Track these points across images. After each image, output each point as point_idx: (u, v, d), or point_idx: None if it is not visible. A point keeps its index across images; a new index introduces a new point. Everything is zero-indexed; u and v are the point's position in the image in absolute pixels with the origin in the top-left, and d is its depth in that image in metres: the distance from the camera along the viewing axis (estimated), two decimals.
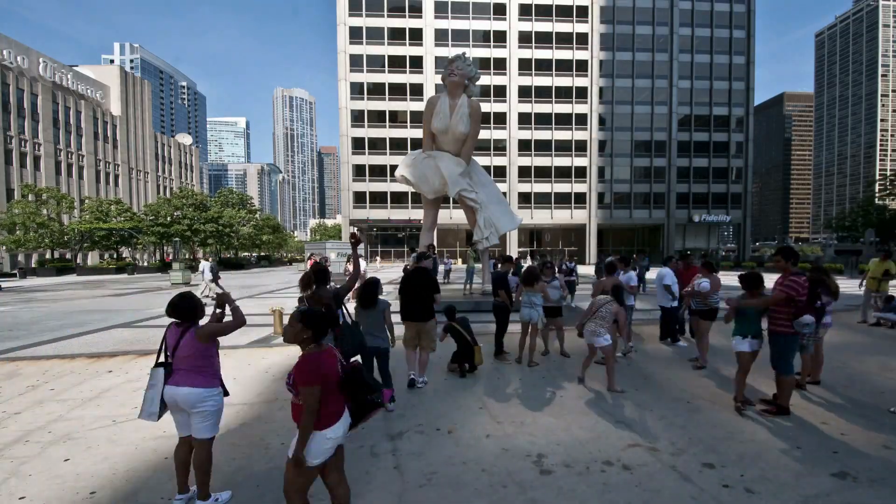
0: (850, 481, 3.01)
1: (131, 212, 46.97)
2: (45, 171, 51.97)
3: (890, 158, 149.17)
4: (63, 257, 42.45)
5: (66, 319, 11.01)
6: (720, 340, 7.53)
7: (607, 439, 3.70)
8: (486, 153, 49.02)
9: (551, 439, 3.69)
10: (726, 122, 53.77)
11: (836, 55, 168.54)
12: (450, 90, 11.01)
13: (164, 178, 76.58)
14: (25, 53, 52.44)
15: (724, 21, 53.10)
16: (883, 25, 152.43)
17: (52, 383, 5.41)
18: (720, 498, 2.83)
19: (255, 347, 7.26)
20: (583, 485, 2.99)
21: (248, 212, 59.80)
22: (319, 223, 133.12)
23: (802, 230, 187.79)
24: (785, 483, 2.99)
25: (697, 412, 4.28)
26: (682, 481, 3.03)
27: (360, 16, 49.60)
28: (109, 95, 66.18)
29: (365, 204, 50.80)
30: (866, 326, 8.76)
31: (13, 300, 16.02)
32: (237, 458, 3.40)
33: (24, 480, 3.08)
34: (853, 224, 55.43)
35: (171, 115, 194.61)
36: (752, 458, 3.35)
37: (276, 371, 5.83)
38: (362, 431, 3.88)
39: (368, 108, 50.14)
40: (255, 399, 4.76)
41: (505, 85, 51.02)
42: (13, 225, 36.73)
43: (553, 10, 51.38)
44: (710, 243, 56.49)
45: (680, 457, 3.37)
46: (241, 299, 15.16)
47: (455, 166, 11.23)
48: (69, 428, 4.01)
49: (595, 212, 52.82)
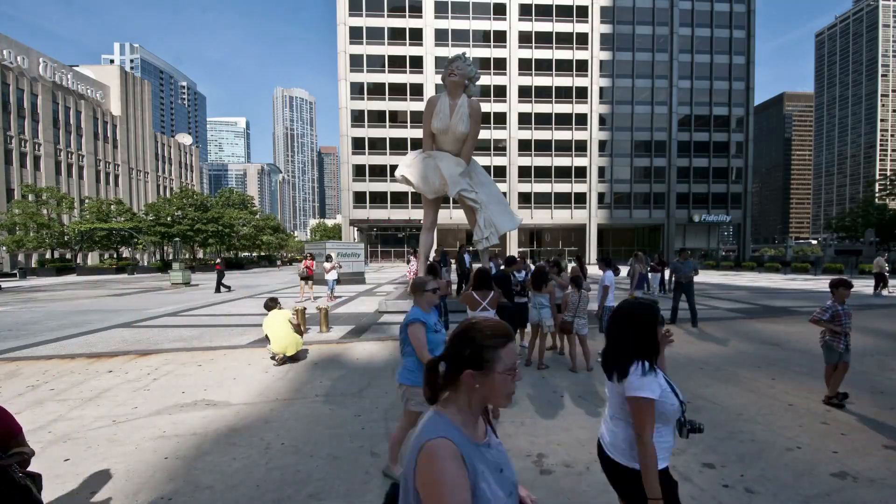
0: (850, 481, 3.01)
1: (131, 212, 46.98)
2: (45, 171, 51.99)
3: (890, 158, 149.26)
4: (63, 257, 42.40)
5: (65, 319, 11.01)
6: (721, 340, 7.53)
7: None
8: (486, 153, 49.04)
9: (551, 439, 3.69)
10: (726, 122, 53.78)
11: (836, 55, 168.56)
12: (450, 90, 10.99)
13: (164, 178, 76.59)
14: (25, 53, 52.45)
15: (724, 21, 53.11)
16: (883, 25, 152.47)
17: (52, 383, 5.41)
18: (720, 498, 2.83)
19: (255, 347, 7.25)
20: (583, 485, 2.99)
21: (249, 212, 59.80)
22: (319, 223, 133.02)
23: (802, 230, 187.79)
24: (785, 483, 2.99)
25: (697, 412, 4.27)
26: (682, 481, 3.02)
27: (361, 16, 49.61)
28: (109, 95, 66.20)
29: (365, 204, 50.80)
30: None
31: (13, 300, 16.01)
32: (237, 458, 3.39)
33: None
34: (853, 224, 55.42)
35: (171, 115, 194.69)
36: (752, 458, 3.35)
37: (276, 371, 5.83)
38: (362, 431, 3.88)
39: (368, 108, 50.14)
40: (255, 399, 4.76)
41: (505, 85, 51.03)
42: (13, 225, 36.74)
43: (553, 10, 51.39)
44: (710, 243, 56.49)
45: (680, 457, 3.37)
46: (241, 299, 15.17)
47: (455, 166, 11.21)
48: (69, 428, 4.01)
49: (595, 212, 52.82)
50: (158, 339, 8.41)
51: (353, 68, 49.72)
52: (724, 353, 6.71)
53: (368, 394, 4.89)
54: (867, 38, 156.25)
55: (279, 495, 2.88)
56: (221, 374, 5.68)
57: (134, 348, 7.51)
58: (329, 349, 7.10)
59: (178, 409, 4.47)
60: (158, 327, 9.69)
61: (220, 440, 3.72)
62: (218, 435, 3.82)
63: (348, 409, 4.44)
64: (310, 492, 2.92)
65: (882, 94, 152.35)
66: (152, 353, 6.92)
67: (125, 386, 5.26)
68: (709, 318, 10.14)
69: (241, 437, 3.77)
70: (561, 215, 52.82)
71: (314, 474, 3.14)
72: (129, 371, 5.90)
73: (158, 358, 6.55)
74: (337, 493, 2.91)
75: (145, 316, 11.40)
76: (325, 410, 4.39)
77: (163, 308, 12.96)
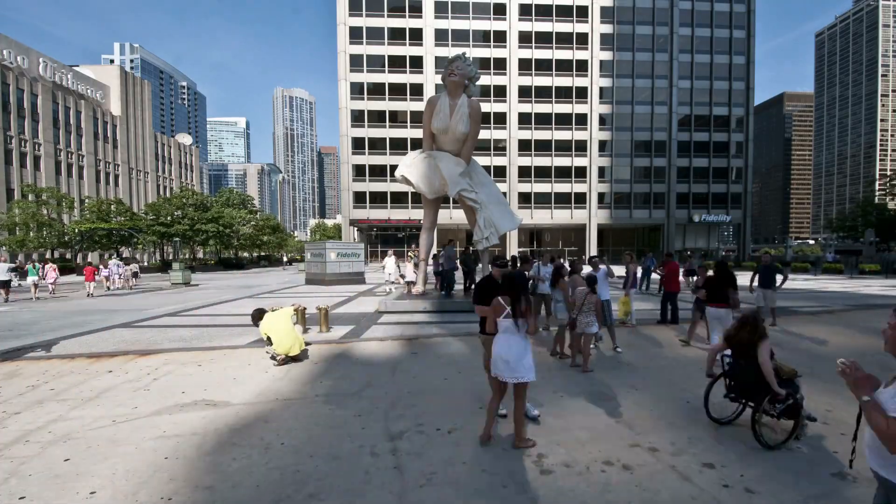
0: (850, 481, 3.01)
1: (131, 212, 46.97)
2: (45, 171, 51.98)
3: (890, 158, 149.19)
4: (63, 257, 42.39)
5: (65, 319, 11.01)
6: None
7: (607, 439, 3.70)
8: (486, 153, 49.03)
9: (551, 439, 3.69)
10: (726, 122, 53.77)
11: (836, 55, 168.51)
12: (450, 90, 11.01)
13: (164, 178, 76.58)
14: (25, 53, 52.45)
15: (724, 21, 53.11)
16: (883, 25, 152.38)
17: (52, 383, 5.41)
18: (720, 498, 2.83)
19: (255, 347, 7.25)
20: (583, 485, 2.99)
21: (249, 212, 59.77)
22: (319, 223, 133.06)
23: (802, 230, 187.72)
24: (785, 483, 2.99)
25: (698, 412, 4.28)
26: (682, 481, 3.03)
27: (361, 16, 49.60)
28: (109, 95, 66.18)
29: (365, 204, 50.80)
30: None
31: (13, 300, 16.01)
32: (237, 458, 3.39)
33: (24, 480, 3.08)
34: (853, 224, 55.42)
35: (171, 115, 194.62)
36: (752, 458, 3.35)
37: (276, 371, 5.83)
38: (362, 431, 3.88)
39: (368, 108, 50.13)
40: (255, 399, 4.76)
41: (505, 85, 51.02)
42: (14, 225, 36.73)
43: (553, 10, 51.38)
44: (711, 243, 56.50)
45: (680, 457, 3.37)
46: (241, 299, 15.17)
47: (455, 166, 11.23)
48: (69, 428, 4.01)
49: (595, 212, 52.82)
50: (158, 339, 8.42)
51: (353, 68, 49.71)
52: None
53: (368, 394, 4.89)
54: (867, 38, 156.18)
55: (279, 495, 2.88)
56: (221, 374, 5.68)
57: (134, 348, 7.51)
58: (329, 349, 7.10)
59: (178, 409, 4.47)
60: (158, 327, 9.70)
61: (220, 440, 3.72)
62: (218, 435, 3.82)
63: (348, 409, 4.44)
64: (310, 492, 2.92)
65: (882, 94, 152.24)
66: (152, 353, 6.93)
67: (125, 386, 5.26)
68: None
69: (241, 437, 3.77)
70: (561, 215, 52.82)
71: (314, 474, 3.14)
72: (129, 371, 5.90)
73: (158, 358, 6.56)
74: (337, 493, 2.91)
75: (145, 316, 11.40)
76: (325, 410, 4.39)
77: (163, 308, 12.96)
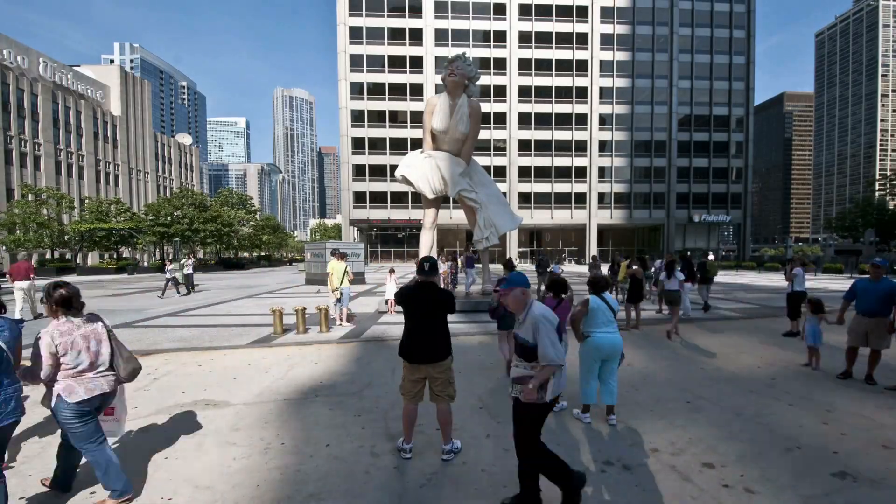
0: (850, 481, 3.01)
1: (131, 212, 46.96)
2: (45, 171, 51.99)
3: (890, 158, 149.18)
4: (63, 257, 42.40)
5: None
6: (723, 340, 7.54)
7: (607, 439, 3.70)
8: (486, 153, 49.06)
9: (551, 439, 3.69)
10: (726, 122, 53.81)
11: (836, 55, 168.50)
12: (450, 90, 11.00)
13: (164, 178, 76.60)
14: (25, 53, 52.46)
15: (724, 21, 53.15)
16: (883, 25, 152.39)
17: None
18: (720, 498, 2.82)
19: (255, 347, 7.26)
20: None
21: (248, 212, 59.73)
22: (319, 223, 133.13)
23: (802, 230, 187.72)
24: (785, 483, 2.99)
25: (697, 412, 4.28)
26: (682, 481, 3.03)
27: (360, 16, 49.63)
28: (109, 95, 66.20)
29: (365, 204, 50.82)
30: None
31: (12, 300, 15.97)
32: (237, 458, 3.39)
33: (24, 480, 3.08)
34: (853, 224, 55.43)
35: (171, 115, 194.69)
36: (752, 458, 3.35)
37: (276, 371, 5.83)
38: (362, 431, 3.88)
39: (368, 108, 50.16)
40: (255, 399, 4.76)
41: (505, 85, 51.04)
42: (13, 225, 36.72)
43: (553, 10, 51.41)
44: (711, 243, 56.52)
45: (680, 457, 3.37)
46: (241, 299, 15.16)
47: (455, 166, 11.25)
48: None
49: (595, 212, 52.84)
50: (158, 339, 8.41)
51: (353, 68, 49.73)
52: (725, 352, 6.72)
53: (368, 394, 4.89)
54: (867, 38, 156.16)
55: (279, 495, 2.88)
56: (221, 374, 5.68)
57: (134, 348, 7.51)
58: (329, 349, 7.10)
59: (178, 409, 4.47)
60: (158, 327, 9.69)
61: (221, 440, 3.72)
62: (218, 435, 3.82)
63: (348, 409, 4.44)
64: (310, 492, 2.92)
65: (882, 94, 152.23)
66: (152, 353, 6.93)
67: (125, 386, 5.25)
68: (711, 318, 10.15)
69: (241, 437, 3.77)
70: (561, 215, 52.83)
71: (314, 474, 3.14)
72: None
73: (158, 358, 6.56)
74: (337, 493, 2.91)
75: (145, 316, 11.40)
76: (325, 410, 4.39)
77: (163, 308, 12.95)
